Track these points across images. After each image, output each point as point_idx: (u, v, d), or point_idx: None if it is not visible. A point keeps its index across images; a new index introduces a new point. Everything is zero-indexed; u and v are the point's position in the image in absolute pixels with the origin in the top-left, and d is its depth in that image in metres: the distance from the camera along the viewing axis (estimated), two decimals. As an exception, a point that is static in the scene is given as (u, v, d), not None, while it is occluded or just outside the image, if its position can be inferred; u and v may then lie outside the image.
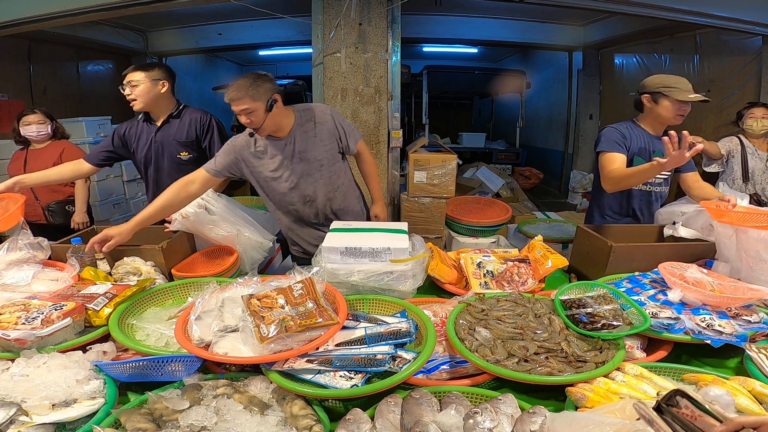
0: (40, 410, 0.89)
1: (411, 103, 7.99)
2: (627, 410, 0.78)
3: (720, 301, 1.24)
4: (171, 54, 6.75)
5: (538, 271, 1.56)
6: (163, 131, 2.09)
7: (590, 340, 1.12)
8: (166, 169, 2.10)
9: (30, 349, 1.07)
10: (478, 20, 5.90)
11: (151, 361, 1.02)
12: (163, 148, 2.10)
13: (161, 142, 2.09)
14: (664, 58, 5.27)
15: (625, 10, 3.65)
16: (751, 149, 2.83)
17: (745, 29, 3.79)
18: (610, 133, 1.91)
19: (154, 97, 2.00)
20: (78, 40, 5.27)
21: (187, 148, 2.10)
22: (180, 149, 2.09)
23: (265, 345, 1.00)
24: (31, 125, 2.76)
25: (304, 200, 1.89)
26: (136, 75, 1.95)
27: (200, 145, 2.13)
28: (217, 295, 1.23)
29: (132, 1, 3.20)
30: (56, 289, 1.39)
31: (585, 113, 6.78)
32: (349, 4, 3.02)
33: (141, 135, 2.12)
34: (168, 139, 2.09)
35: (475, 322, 1.20)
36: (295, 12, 3.74)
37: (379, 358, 1.01)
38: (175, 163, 2.10)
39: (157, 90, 2.00)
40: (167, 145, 2.09)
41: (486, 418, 0.83)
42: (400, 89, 3.40)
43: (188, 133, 2.09)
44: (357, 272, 1.42)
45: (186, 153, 2.10)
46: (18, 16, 3.41)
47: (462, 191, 4.40)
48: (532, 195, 6.25)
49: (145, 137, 2.11)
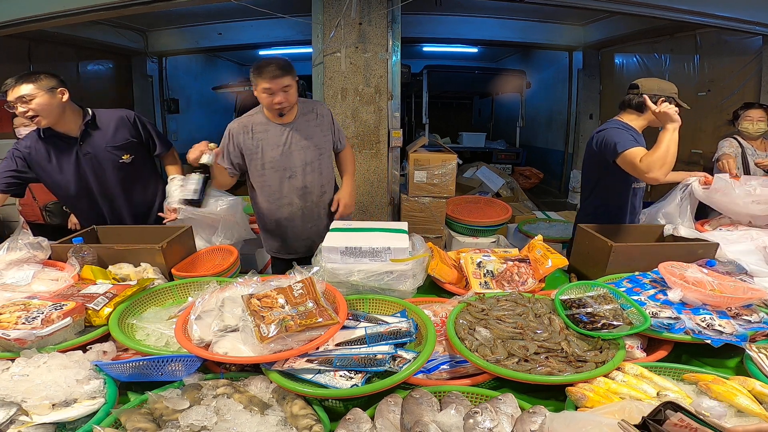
0: (40, 410, 0.89)
1: (411, 103, 7.99)
2: (626, 411, 0.78)
3: (720, 301, 1.24)
4: (171, 54, 6.75)
5: (538, 271, 1.56)
6: (89, 143, 1.88)
7: (590, 340, 1.12)
8: (111, 178, 1.95)
9: (30, 349, 1.07)
10: (479, 20, 5.89)
11: (151, 360, 1.02)
12: (98, 160, 1.90)
13: (93, 153, 1.89)
14: (664, 58, 5.26)
15: (625, 10, 3.65)
16: (751, 150, 2.83)
17: (746, 29, 3.79)
18: (618, 133, 1.83)
19: (57, 110, 1.76)
20: (78, 40, 5.27)
21: (126, 151, 1.94)
22: (120, 153, 1.93)
23: (265, 345, 1.00)
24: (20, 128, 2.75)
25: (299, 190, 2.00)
26: (22, 88, 1.68)
27: (139, 143, 2.00)
28: (217, 295, 1.23)
29: (132, 1, 3.19)
30: (56, 289, 1.38)
31: (585, 113, 6.77)
32: (349, 3, 3.02)
33: (56, 154, 1.87)
34: (99, 149, 1.89)
35: (475, 321, 1.20)
36: (295, 12, 3.74)
37: (379, 357, 1.01)
38: (119, 169, 1.95)
39: (58, 100, 1.75)
40: (102, 155, 1.90)
41: (486, 418, 0.83)
42: (400, 89, 3.39)
43: (120, 136, 1.93)
44: (357, 272, 1.43)
45: (127, 155, 1.95)
46: (18, 16, 3.41)
47: (462, 191, 4.40)
48: (532, 195, 6.25)
49: (66, 155, 1.87)
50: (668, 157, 1.58)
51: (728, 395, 0.93)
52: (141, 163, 2.01)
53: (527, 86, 7.39)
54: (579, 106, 6.79)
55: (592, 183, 2.07)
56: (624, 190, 2.01)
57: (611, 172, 1.90)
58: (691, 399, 0.95)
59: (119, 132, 1.93)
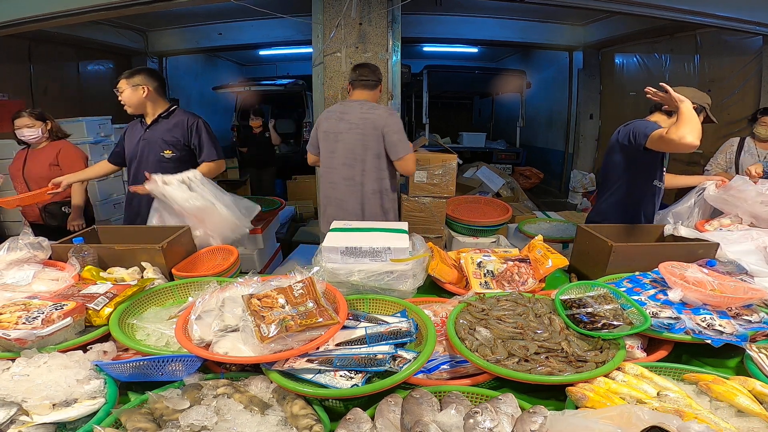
0: (40, 410, 0.89)
1: (411, 103, 7.99)
2: (624, 416, 0.77)
3: (720, 301, 1.24)
4: (171, 54, 6.75)
5: (538, 271, 1.56)
6: (152, 130, 2.23)
7: (590, 340, 1.12)
8: (149, 166, 2.18)
9: (30, 349, 1.07)
10: (479, 20, 5.90)
11: (152, 360, 1.02)
12: (149, 146, 2.22)
13: (148, 140, 2.23)
14: (664, 58, 5.27)
15: (626, 10, 3.65)
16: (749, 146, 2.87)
17: (746, 29, 3.79)
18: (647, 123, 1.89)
19: (137, 101, 2.17)
20: (78, 40, 5.28)
21: (171, 147, 2.21)
22: (164, 147, 2.21)
23: (266, 345, 1.00)
24: (22, 129, 2.76)
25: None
26: (120, 84, 2.16)
27: (186, 145, 2.25)
28: (217, 295, 1.23)
29: (132, 1, 3.19)
30: (57, 289, 1.39)
31: (585, 113, 6.78)
32: (349, 3, 3.02)
33: (134, 133, 2.29)
34: (154, 137, 2.22)
35: (475, 321, 1.20)
36: (295, 12, 3.74)
37: (380, 357, 1.01)
38: (158, 160, 2.20)
39: (138, 95, 2.16)
40: (153, 143, 2.21)
41: (486, 418, 0.83)
42: (400, 89, 3.39)
43: (174, 134, 2.21)
44: (357, 272, 1.43)
45: (170, 152, 2.21)
46: (18, 16, 3.41)
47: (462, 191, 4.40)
48: (533, 195, 6.25)
49: (136, 135, 2.27)
50: (697, 125, 1.59)
51: (728, 395, 0.93)
52: (181, 163, 2.18)
53: (527, 86, 7.39)
54: (579, 106, 6.80)
55: (613, 179, 2.09)
56: (645, 186, 2.04)
57: (636, 167, 1.97)
58: (692, 399, 0.95)
59: (175, 129, 2.21)
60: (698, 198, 2.14)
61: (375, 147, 2.15)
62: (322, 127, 2.26)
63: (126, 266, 1.60)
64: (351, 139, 2.16)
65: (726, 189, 2.00)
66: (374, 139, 2.13)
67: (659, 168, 2.05)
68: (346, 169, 2.20)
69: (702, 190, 2.12)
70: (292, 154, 7.24)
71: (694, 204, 2.14)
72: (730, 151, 2.91)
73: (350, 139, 2.16)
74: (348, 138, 2.17)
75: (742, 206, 1.94)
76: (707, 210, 2.13)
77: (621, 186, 2.06)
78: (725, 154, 2.92)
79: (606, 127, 6.58)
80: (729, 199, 1.98)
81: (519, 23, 6.01)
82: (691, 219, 2.14)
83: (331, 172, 2.26)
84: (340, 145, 2.19)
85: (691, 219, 2.14)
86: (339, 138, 2.19)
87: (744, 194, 1.92)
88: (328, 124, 2.23)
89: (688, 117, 1.58)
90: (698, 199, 2.14)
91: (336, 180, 2.25)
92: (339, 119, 2.19)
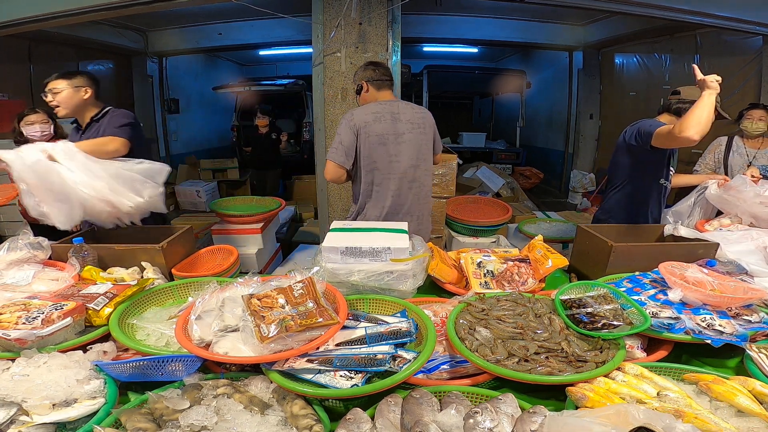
0: (40, 410, 0.89)
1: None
2: (621, 415, 0.77)
3: (720, 301, 1.24)
4: (171, 54, 6.76)
5: (538, 271, 1.56)
6: (87, 135, 2.08)
7: (590, 340, 1.12)
8: None
9: (30, 349, 1.07)
10: (479, 20, 5.90)
11: (152, 360, 1.02)
12: None
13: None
14: (664, 58, 5.27)
15: (625, 10, 3.65)
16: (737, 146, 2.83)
17: (746, 29, 3.79)
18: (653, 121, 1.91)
19: (76, 104, 2.04)
20: (78, 40, 5.27)
21: None
22: None
23: (266, 345, 1.00)
24: (35, 125, 2.74)
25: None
26: (58, 83, 2.00)
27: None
28: (217, 295, 1.23)
29: (132, 1, 3.19)
30: (57, 289, 1.39)
31: (585, 113, 6.78)
32: (349, 3, 3.02)
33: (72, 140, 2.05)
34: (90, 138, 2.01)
35: (475, 321, 1.20)
36: (295, 12, 3.73)
37: (380, 357, 1.01)
38: None
39: (80, 96, 2.04)
40: None
41: (486, 418, 0.84)
42: (400, 89, 3.39)
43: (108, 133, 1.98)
44: (357, 272, 1.42)
45: None
46: (18, 16, 3.41)
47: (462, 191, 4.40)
48: (533, 195, 6.25)
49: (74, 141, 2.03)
50: (702, 118, 1.57)
51: (728, 395, 0.93)
52: None
53: (527, 86, 7.40)
54: (579, 106, 6.80)
55: (620, 178, 2.11)
56: (652, 185, 2.07)
57: (642, 166, 2.00)
58: (692, 399, 0.95)
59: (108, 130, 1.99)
60: (699, 197, 2.15)
61: (431, 144, 2.14)
62: (373, 131, 1.96)
63: (126, 266, 1.61)
64: (416, 139, 2.04)
65: (726, 189, 2.01)
66: (432, 137, 2.14)
67: (666, 167, 2.07)
68: (412, 171, 2.06)
69: (704, 189, 2.12)
70: (293, 154, 7.24)
71: (694, 203, 2.15)
72: (718, 151, 2.88)
73: (415, 140, 2.04)
74: (412, 138, 2.03)
75: (741, 206, 1.95)
76: (708, 209, 2.14)
77: (628, 185, 2.08)
78: (714, 154, 2.90)
79: (606, 127, 6.59)
80: (729, 199, 1.99)
81: (519, 23, 6.01)
82: (692, 218, 2.15)
83: (392, 179, 2.02)
84: (404, 147, 2.02)
85: (692, 218, 2.15)
86: (402, 140, 2.01)
87: (743, 195, 1.93)
88: (382, 127, 1.98)
89: (698, 110, 1.58)
90: (699, 199, 2.15)
91: (401, 187, 2.04)
92: (395, 120, 2.00)
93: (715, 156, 2.88)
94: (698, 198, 2.15)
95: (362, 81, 2.07)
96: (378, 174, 2.02)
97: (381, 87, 2.07)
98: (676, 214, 2.19)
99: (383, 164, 2.00)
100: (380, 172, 2.02)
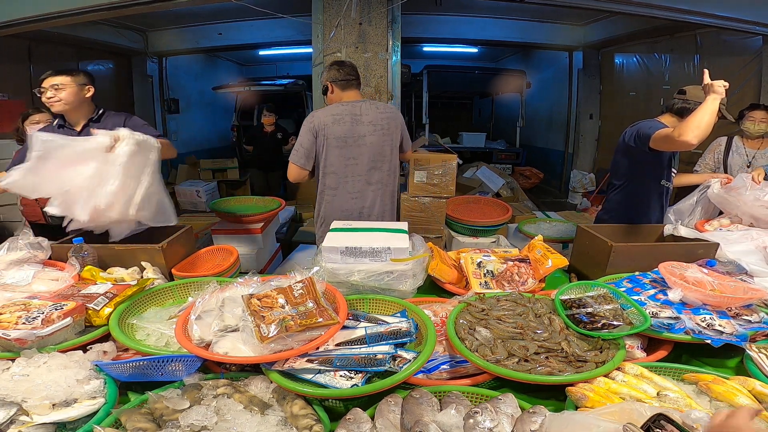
0: (40, 410, 0.89)
1: (411, 103, 7.99)
2: (625, 413, 0.77)
3: (720, 301, 1.24)
4: (171, 54, 6.76)
5: (538, 271, 1.56)
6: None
7: (590, 340, 1.12)
8: None
9: (30, 349, 1.06)
10: (479, 20, 5.91)
11: (152, 360, 1.02)
12: None
13: None
14: (664, 58, 5.27)
15: (625, 10, 3.65)
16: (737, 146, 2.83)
17: (745, 29, 3.79)
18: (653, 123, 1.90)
19: (79, 101, 2.01)
20: (78, 40, 5.28)
21: None
22: None
23: (266, 345, 1.00)
24: (40, 124, 2.73)
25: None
26: (59, 78, 1.95)
27: None
28: (217, 295, 1.23)
29: (132, 1, 3.20)
30: (56, 289, 1.38)
31: (585, 113, 6.78)
32: (349, 3, 3.03)
33: None
34: None
35: (475, 321, 1.20)
36: (295, 12, 3.74)
37: (380, 357, 1.01)
38: None
39: (83, 94, 2.01)
40: None
41: (486, 418, 0.84)
42: (400, 89, 3.40)
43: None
44: (357, 272, 1.42)
45: None
46: (18, 16, 3.41)
47: (462, 191, 4.40)
48: (533, 195, 6.25)
49: None
50: (702, 122, 1.56)
51: (728, 395, 0.93)
52: None
53: (527, 86, 7.40)
54: (579, 106, 6.80)
55: (622, 179, 2.11)
56: (653, 185, 2.07)
57: (643, 167, 1.99)
58: (692, 399, 0.95)
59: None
60: (701, 196, 2.14)
61: (396, 144, 2.14)
62: (332, 133, 1.99)
63: (126, 266, 1.61)
64: (377, 141, 2.05)
65: (728, 189, 2.01)
66: (396, 137, 2.13)
67: (667, 168, 2.06)
68: (374, 173, 2.08)
69: (706, 188, 2.11)
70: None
71: (696, 202, 2.14)
72: (718, 151, 2.88)
73: (377, 141, 2.05)
74: (374, 140, 2.04)
75: (741, 207, 1.95)
76: (710, 208, 2.13)
77: (629, 186, 2.08)
78: (713, 154, 2.89)
79: (606, 127, 6.59)
80: (730, 199, 1.99)
81: (519, 23, 6.01)
82: (693, 217, 2.14)
83: (351, 181, 2.06)
84: (365, 149, 2.04)
85: (693, 217, 2.14)
86: (362, 141, 2.03)
87: (743, 196, 1.93)
88: (342, 129, 2.00)
89: (699, 114, 1.57)
90: (701, 197, 2.14)
91: (360, 188, 2.08)
92: (355, 121, 2.01)
93: (714, 156, 2.88)
94: (700, 197, 2.14)
95: (327, 82, 2.08)
96: (333, 177, 2.06)
97: (346, 87, 2.06)
98: (678, 213, 2.18)
99: (339, 167, 2.05)
100: (336, 175, 2.06)
